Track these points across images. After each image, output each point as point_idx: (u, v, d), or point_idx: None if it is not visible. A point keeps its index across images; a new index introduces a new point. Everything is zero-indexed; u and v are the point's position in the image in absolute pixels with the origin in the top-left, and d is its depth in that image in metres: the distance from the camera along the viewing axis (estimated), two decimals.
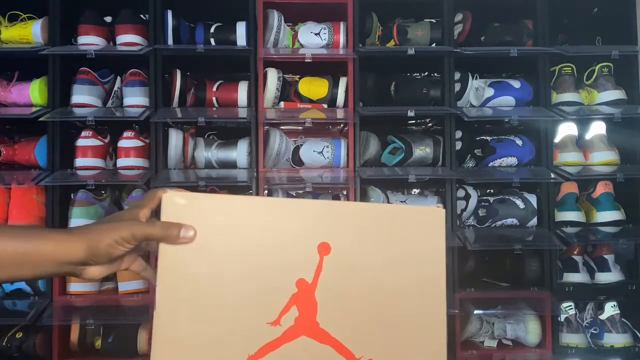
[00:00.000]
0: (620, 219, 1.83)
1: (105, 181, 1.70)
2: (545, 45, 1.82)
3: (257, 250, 0.64)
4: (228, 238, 0.63)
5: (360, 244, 0.66)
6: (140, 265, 0.68)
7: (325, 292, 0.64)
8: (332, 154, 1.80)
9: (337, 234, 0.65)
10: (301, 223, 0.65)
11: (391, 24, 1.84)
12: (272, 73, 1.77)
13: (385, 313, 0.66)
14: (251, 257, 0.63)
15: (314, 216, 0.65)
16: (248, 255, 0.63)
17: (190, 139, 1.79)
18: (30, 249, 0.60)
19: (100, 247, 0.60)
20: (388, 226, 0.67)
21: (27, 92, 1.75)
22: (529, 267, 1.79)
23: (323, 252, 0.65)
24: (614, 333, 1.79)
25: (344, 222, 0.66)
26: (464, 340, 1.82)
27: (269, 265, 0.63)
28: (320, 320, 0.63)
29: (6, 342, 1.71)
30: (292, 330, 0.63)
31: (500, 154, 1.84)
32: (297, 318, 0.63)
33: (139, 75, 1.78)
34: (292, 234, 0.65)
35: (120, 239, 0.61)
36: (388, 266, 0.66)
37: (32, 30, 1.76)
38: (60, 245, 0.61)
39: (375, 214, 0.67)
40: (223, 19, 1.83)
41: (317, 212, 0.66)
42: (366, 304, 0.65)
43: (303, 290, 0.63)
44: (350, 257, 0.65)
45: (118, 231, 0.61)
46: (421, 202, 1.84)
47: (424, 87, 1.85)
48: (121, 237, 0.61)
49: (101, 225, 0.63)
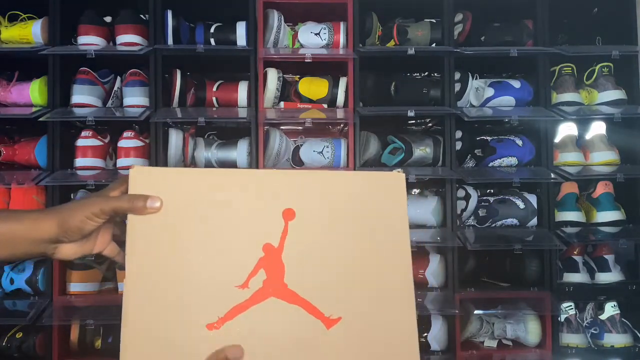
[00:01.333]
0: (620, 219, 1.83)
1: (105, 181, 1.69)
2: (545, 45, 1.82)
3: (223, 219, 0.66)
4: (194, 208, 0.66)
5: (323, 209, 0.68)
6: (113, 249, 0.71)
7: (291, 255, 0.66)
8: (332, 154, 1.80)
9: (300, 200, 0.68)
10: (266, 191, 0.68)
11: (391, 24, 1.84)
12: (272, 73, 1.78)
13: (353, 273, 0.67)
14: (218, 226, 0.66)
15: (278, 184, 0.68)
16: (214, 224, 0.66)
17: (190, 139, 1.79)
18: (3, 229, 0.63)
19: (71, 223, 0.63)
20: (350, 191, 0.70)
21: (27, 92, 1.75)
22: (529, 267, 1.79)
23: (288, 218, 0.67)
24: (614, 333, 1.79)
25: (307, 188, 0.69)
26: (464, 340, 1.82)
27: (235, 232, 0.66)
28: (287, 282, 0.65)
29: (6, 342, 1.71)
30: (261, 292, 0.64)
31: (500, 154, 1.84)
32: (265, 280, 0.65)
33: (139, 75, 1.78)
34: (257, 202, 0.67)
35: (90, 214, 0.63)
36: (352, 228, 0.69)
37: (32, 30, 1.76)
38: (33, 224, 0.64)
39: (338, 180, 0.71)
40: (223, 19, 1.83)
41: (281, 180, 0.69)
42: (333, 265, 0.67)
43: (270, 254, 0.65)
44: (315, 221, 0.68)
45: (88, 207, 0.64)
46: (421, 202, 1.85)
47: (424, 87, 1.85)
48: (91, 212, 0.63)
49: (72, 203, 0.66)
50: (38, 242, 0.64)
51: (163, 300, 0.63)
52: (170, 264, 0.64)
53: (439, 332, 1.77)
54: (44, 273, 1.71)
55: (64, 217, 0.64)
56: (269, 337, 0.63)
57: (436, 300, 1.76)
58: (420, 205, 1.83)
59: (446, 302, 1.74)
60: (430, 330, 1.77)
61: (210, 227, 0.65)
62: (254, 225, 0.66)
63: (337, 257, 0.67)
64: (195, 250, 0.64)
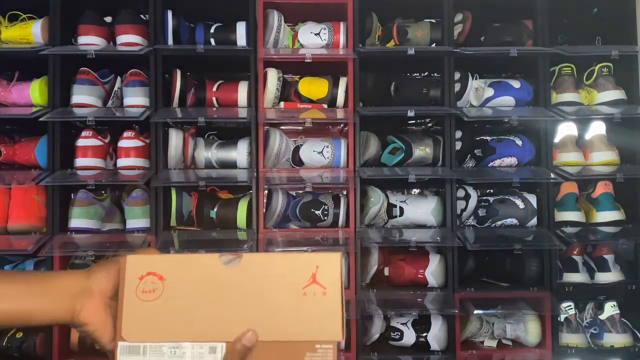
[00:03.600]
0: (620, 219, 1.83)
1: (105, 181, 1.70)
2: (545, 45, 1.82)
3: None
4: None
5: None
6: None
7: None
8: (332, 154, 1.80)
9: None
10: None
11: (391, 24, 1.84)
12: (272, 73, 1.78)
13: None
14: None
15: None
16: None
17: (190, 139, 1.79)
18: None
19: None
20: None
21: (27, 92, 1.75)
22: (529, 267, 1.79)
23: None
24: (614, 333, 1.79)
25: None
26: (463, 340, 1.82)
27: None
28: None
29: (6, 342, 1.71)
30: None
31: (500, 154, 1.84)
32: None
33: (139, 75, 1.78)
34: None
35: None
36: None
37: (32, 30, 1.76)
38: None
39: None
40: (223, 19, 1.83)
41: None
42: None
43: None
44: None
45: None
46: (421, 202, 1.85)
47: (424, 87, 1.85)
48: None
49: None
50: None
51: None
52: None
53: (438, 332, 1.77)
54: None
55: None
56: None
57: (436, 300, 1.76)
58: (420, 205, 1.83)
59: (446, 302, 1.74)
60: (430, 330, 1.77)
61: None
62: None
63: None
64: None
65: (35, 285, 0.66)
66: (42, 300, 0.66)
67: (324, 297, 0.67)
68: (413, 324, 1.80)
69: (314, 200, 1.81)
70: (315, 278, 0.67)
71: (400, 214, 1.83)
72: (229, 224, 1.79)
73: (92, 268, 0.69)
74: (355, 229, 1.76)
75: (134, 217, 1.76)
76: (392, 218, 1.83)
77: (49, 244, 1.65)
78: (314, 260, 0.68)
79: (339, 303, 0.66)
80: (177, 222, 1.79)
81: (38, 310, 0.65)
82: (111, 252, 1.77)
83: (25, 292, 0.66)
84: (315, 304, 0.66)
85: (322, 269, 0.67)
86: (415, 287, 1.81)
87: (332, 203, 1.79)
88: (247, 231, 1.75)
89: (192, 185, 1.76)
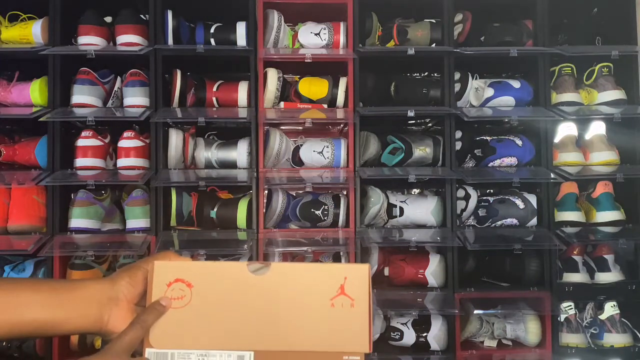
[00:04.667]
0: (620, 219, 1.83)
1: (105, 181, 1.70)
2: (545, 45, 1.83)
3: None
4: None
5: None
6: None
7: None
8: (332, 154, 1.80)
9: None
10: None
11: (391, 24, 1.84)
12: (272, 73, 1.78)
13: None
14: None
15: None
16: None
17: (190, 139, 1.79)
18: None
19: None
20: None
21: (27, 92, 1.75)
22: (529, 267, 1.79)
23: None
24: (614, 333, 1.79)
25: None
26: (463, 340, 1.82)
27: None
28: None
29: (6, 342, 1.71)
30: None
31: (500, 154, 1.84)
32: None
33: (139, 75, 1.78)
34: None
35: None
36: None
37: (32, 31, 1.76)
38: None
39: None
40: (223, 19, 1.83)
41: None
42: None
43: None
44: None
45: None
46: (421, 202, 1.85)
47: (424, 87, 1.85)
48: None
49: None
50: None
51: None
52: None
53: (438, 332, 1.77)
54: (44, 273, 1.71)
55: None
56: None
57: (436, 300, 1.76)
58: (420, 205, 1.83)
59: (446, 302, 1.74)
60: (430, 330, 1.77)
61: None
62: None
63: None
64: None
65: (62, 293, 0.64)
66: (69, 309, 0.63)
67: (352, 308, 0.67)
68: (413, 324, 1.80)
69: (314, 200, 1.81)
70: (343, 289, 0.67)
71: (400, 214, 1.83)
72: (229, 224, 1.79)
73: (117, 275, 0.68)
74: (355, 229, 1.76)
75: (134, 217, 1.76)
76: (392, 218, 1.83)
77: (49, 244, 1.65)
78: (343, 271, 0.68)
79: (367, 315, 0.67)
80: (177, 222, 1.79)
81: (66, 320, 0.63)
82: (111, 252, 1.78)
83: (51, 300, 0.63)
84: (344, 315, 0.67)
85: (351, 280, 0.68)
86: (415, 287, 1.81)
87: (332, 203, 1.79)
88: (247, 231, 1.75)
89: (192, 185, 1.76)
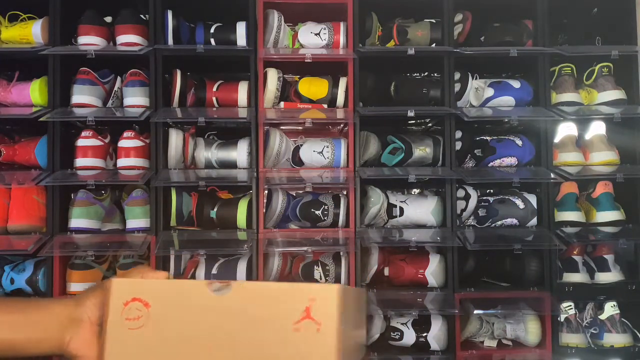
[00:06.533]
0: (620, 219, 1.83)
1: (105, 181, 1.70)
2: (545, 45, 1.83)
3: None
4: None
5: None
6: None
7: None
8: (332, 154, 1.80)
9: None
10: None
11: (391, 24, 1.84)
12: (272, 73, 1.78)
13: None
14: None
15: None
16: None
17: (190, 139, 1.79)
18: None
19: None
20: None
21: (27, 92, 1.75)
22: (529, 267, 1.79)
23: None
24: (614, 333, 1.79)
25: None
26: (463, 340, 1.82)
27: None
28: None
29: None
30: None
31: (500, 154, 1.84)
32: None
33: (139, 75, 1.78)
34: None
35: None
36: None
37: (32, 31, 1.76)
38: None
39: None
40: (223, 19, 1.83)
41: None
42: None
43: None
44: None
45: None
46: (421, 202, 1.85)
47: (424, 87, 1.85)
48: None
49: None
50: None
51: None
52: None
53: (438, 332, 1.77)
54: (44, 273, 1.71)
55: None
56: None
57: (436, 300, 1.76)
58: (420, 205, 1.83)
59: (446, 302, 1.74)
60: (430, 330, 1.77)
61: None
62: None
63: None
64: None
65: (30, 314, 0.65)
66: (34, 330, 0.64)
67: (317, 333, 0.62)
68: (413, 324, 1.80)
69: (314, 200, 1.81)
70: (309, 312, 0.63)
71: (400, 214, 1.83)
72: (229, 224, 1.79)
73: (83, 295, 0.68)
74: (355, 229, 1.76)
75: (134, 217, 1.76)
76: (392, 218, 1.83)
77: (49, 244, 1.65)
78: (310, 292, 0.64)
79: (334, 340, 0.61)
80: (177, 222, 1.79)
81: (29, 341, 0.64)
82: (111, 252, 1.78)
83: (20, 321, 0.65)
84: (307, 340, 0.62)
85: (319, 302, 0.63)
86: (415, 287, 1.81)
87: (332, 203, 1.79)
88: (247, 231, 1.75)
89: (192, 185, 1.76)
